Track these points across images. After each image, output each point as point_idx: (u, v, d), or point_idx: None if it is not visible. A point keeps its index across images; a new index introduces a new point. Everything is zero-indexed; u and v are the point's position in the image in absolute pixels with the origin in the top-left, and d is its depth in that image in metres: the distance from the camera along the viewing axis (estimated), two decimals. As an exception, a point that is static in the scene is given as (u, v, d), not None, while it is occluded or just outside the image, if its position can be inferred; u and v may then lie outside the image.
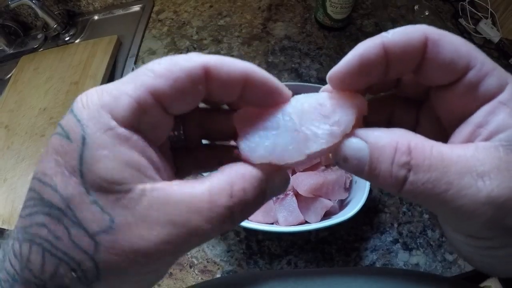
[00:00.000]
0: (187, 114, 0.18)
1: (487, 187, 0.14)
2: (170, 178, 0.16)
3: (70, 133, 0.14)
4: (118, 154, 0.14)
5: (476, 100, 0.16)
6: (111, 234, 0.14)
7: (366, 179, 0.17)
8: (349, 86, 0.17)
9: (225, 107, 0.21)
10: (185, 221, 0.14)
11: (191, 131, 0.21)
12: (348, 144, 0.17)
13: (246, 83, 0.17)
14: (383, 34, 0.16)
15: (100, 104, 0.15)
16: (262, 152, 0.17)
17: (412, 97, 0.21)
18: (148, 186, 0.15)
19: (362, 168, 0.16)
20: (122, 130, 0.15)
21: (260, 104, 0.18)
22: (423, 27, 0.16)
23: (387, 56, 0.16)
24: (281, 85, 0.18)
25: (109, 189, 0.14)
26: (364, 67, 0.17)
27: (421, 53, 0.16)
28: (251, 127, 0.18)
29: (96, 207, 0.14)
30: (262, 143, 0.17)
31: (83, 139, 0.14)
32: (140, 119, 0.15)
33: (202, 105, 0.20)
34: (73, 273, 0.14)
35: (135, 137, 0.15)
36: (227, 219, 0.15)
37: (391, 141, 0.16)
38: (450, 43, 0.16)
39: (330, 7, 0.63)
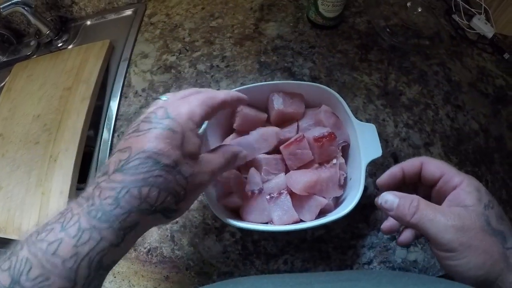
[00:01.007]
0: None
1: (452, 221, 0.30)
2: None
3: (175, 129, 0.30)
4: (196, 141, 0.31)
5: (449, 188, 0.34)
6: (193, 176, 0.30)
7: (394, 214, 0.34)
8: (388, 186, 0.38)
9: None
10: (217, 163, 0.34)
11: None
12: (387, 196, 0.35)
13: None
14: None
15: (187, 115, 0.31)
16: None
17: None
18: (202, 155, 0.33)
19: (393, 207, 0.34)
20: (196, 130, 0.32)
21: (234, 106, 0.44)
22: (422, 157, 0.37)
23: (403, 172, 0.37)
24: (240, 94, 0.39)
25: (192, 156, 0.31)
26: (392, 178, 0.38)
27: (419, 169, 0.37)
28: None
29: (187, 165, 0.30)
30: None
31: (183, 133, 0.30)
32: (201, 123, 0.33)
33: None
34: (174, 198, 0.29)
35: (199, 136, 0.32)
36: (230, 159, 0.36)
37: (411, 196, 0.34)
38: (434, 163, 0.36)
39: (322, 5, 0.63)
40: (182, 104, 0.32)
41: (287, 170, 0.48)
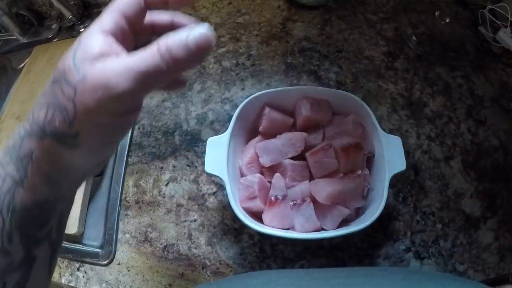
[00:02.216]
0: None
1: None
2: None
3: (79, 38, 0.24)
4: (97, 42, 0.23)
5: None
6: (83, 82, 0.22)
7: None
8: None
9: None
10: (124, 65, 0.21)
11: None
12: None
13: None
14: None
15: (96, 22, 0.24)
16: None
17: None
18: (107, 58, 0.22)
19: None
20: (101, 30, 0.23)
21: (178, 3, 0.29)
22: None
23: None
24: None
25: (86, 58, 0.22)
26: None
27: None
28: None
29: (76, 69, 0.22)
30: None
31: (80, 39, 0.23)
32: (115, 29, 0.24)
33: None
34: (60, 114, 0.22)
35: (109, 37, 0.23)
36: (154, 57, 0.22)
37: None
38: None
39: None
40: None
41: (310, 177, 0.48)
